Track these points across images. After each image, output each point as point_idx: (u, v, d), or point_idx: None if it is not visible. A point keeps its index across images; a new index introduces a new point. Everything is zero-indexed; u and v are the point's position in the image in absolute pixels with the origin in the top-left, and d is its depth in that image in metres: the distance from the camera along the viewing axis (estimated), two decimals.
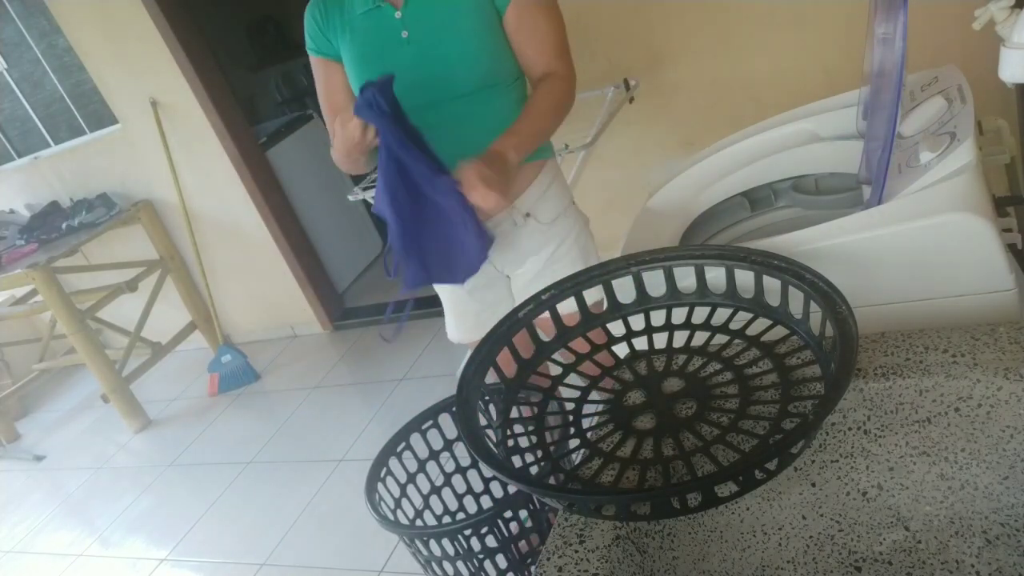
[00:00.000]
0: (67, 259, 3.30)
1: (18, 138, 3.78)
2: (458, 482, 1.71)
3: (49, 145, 3.69)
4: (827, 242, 0.94)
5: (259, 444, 2.94)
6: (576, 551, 0.73)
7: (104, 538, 2.78)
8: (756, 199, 1.34)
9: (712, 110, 2.40)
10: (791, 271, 0.84)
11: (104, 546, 2.74)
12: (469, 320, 1.54)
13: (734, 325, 0.91)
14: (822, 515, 0.82)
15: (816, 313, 0.80)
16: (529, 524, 1.41)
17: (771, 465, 0.70)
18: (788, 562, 0.82)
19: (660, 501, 0.71)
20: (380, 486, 1.50)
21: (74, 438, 3.67)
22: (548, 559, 0.74)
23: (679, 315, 0.96)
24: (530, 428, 0.90)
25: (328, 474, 2.56)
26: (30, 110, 3.64)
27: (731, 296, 0.92)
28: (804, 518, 0.82)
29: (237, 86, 4.21)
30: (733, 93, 2.35)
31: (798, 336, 0.84)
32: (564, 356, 0.99)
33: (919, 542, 0.79)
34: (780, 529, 0.82)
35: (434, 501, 1.70)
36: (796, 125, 1.34)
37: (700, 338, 0.92)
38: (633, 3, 2.32)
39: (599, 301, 1.00)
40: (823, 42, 2.18)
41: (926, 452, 0.77)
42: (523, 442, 0.88)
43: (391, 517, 1.52)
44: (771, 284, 0.86)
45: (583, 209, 1.53)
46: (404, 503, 1.61)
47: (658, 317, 0.97)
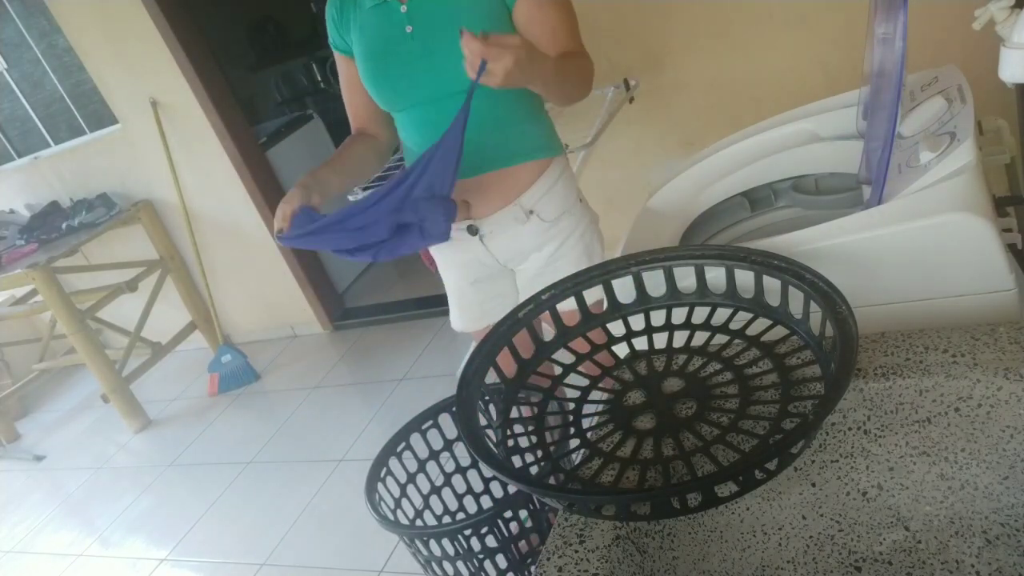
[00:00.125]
0: (67, 259, 3.30)
1: (18, 138, 3.78)
2: (458, 482, 1.71)
3: (49, 145, 3.69)
4: (827, 242, 0.94)
5: (259, 444, 2.94)
6: (576, 551, 0.73)
7: (104, 538, 2.78)
8: (756, 199, 1.34)
9: (712, 110, 2.40)
10: (791, 271, 0.84)
11: (104, 546, 2.74)
12: (474, 310, 1.55)
13: (734, 325, 0.91)
14: (822, 515, 0.82)
15: (816, 313, 0.80)
16: (529, 524, 1.41)
17: (771, 465, 0.70)
18: (788, 562, 0.82)
19: (660, 501, 0.71)
20: (380, 486, 1.50)
21: (74, 438, 3.67)
22: (548, 559, 0.74)
23: (679, 315, 0.96)
24: (530, 428, 0.90)
25: (328, 474, 2.56)
26: (30, 110, 3.64)
27: (731, 296, 0.92)
28: (804, 518, 0.82)
29: (237, 86, 4.21)
30: (733, 93, 2.35)
31: (798, 336, 0.84)
32: (564, 356, 0.99)
33: (919, 542, 0.79)
34: (780, 529, 0.82)
35: (434, 501, 1.70)
36: (796, 125, 1.34)
37: (700, 338, 0.92)
38: (633, 3, 2.32)
39: (599, 301, 1.00)
40: (823, 42, 2.18)
41: (926, 452, 0.77)
42: (523, 442, 0.88)
43: (391, 517, 1.52)
44: (771, 284, 0.86)
45: None
46: (404, 503, 1.61)
47: (658, 317, 0.97)
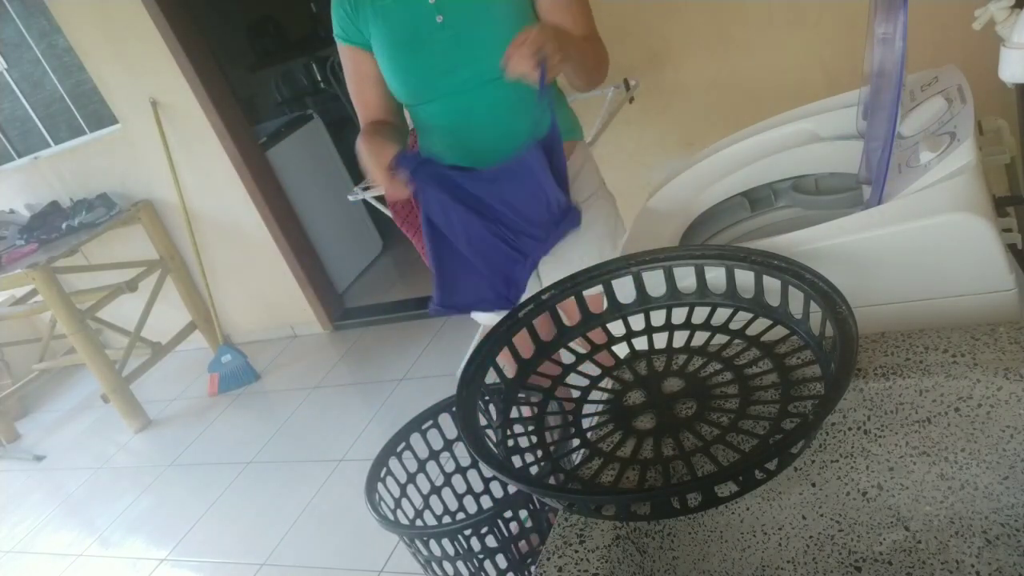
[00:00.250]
0: (67, 259, 3.30)
1: (18, 138, 3.78)
2: (458, 482, 1.71)
3: (49, 145, 3.69)
4: (827, 242, 0.94)
5: (259, 444, 2.94)
6: (576, 551, 0.73)
7: (104, 538, 2.78)
8: (756, 199, 1.33)
9: (712, 110, 2.40)
10: (791, 271, 0.84)
11: (104, 546, 2.74)
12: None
13: (734, 325, 0.91)
14: (822, 515, 0.82)
15: (816, 313, 0.80)
16: (529, 524, 1.42)
17: (771, 465, 0.70)
18: (788, 562, 0.82)
19: (660, 501, 0.71)
20: (380, 486, 1.50)
21: (74, 438, 3.67)
22: (548, 559, 0.74)
23: (679, 315, 0.96)
24: (530, 428, 0.90)
25: (328, 474, 2.56)
26: (30, 110, 3.64)
27: (731, 296, 0.92)
28: (804, 518, 0.82)
29: (237, 86, 4.21)
30: (733, 93, 2.35)
31: (798, 336, 0.84)
32: (565, 356, 0.99)
33: (919, 542, 0.79)
34: (780, 529, 0.82)
35: (434, 501, 1.70)
36: (796, 125, 1.33)
37: (700, 338, 0.92)
38: (633, 3, 2.32)
39: (598, 295, 1.00)
40: (823, 42, 2.18)
41: (926, 452, 0.77)
42: (523, 442, 0.88)
43: (391, 517, 1.52)
44: (771, 284, 0.86)
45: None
46: (404, 503, 1.61)
47: (658, 317, 0.97)
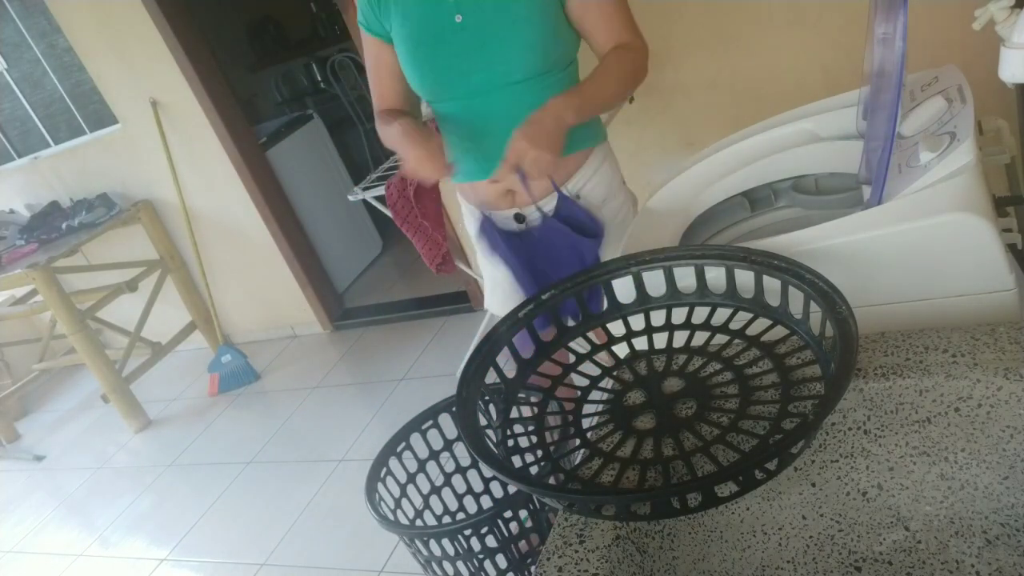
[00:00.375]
0: (67, 259, 3.30)
1: (18, 138, 3.78)
2: (458, 482, 1.71)
3: (49, 145, 3.69)
4: (827, 242, 0.94)
5: (259, 444, 2.94)
6: (576, 551, 0.73)
7: (104, 538, 2.78)
8: (756, 199, 1.33)
9: (712, 110, 2.40)
10: (791, 271, 0.84)
11: (104, 546, 2.74)
12: (519, 294, 1.52)
13: (734, 325, 0.91)
14: (822, 515, 0.82)
15: (816, 313, 0.80)
16: (529, 524, 1.41)
17: (771, 465, 0.70)
18: (788, 562, 0.82)
19: (660, 501, 0.71)
20: (380, 486, 1.50)
21: (74, 438, 3.67)
22: (548, 559, 0.74)
23: (679, 315, 0.96)
24: (530, 428, 0.90)
25: (328, 474, 2.56)
26: (30, 110, 3.64)
27: (731, 296, 0.92)
28: (804, 518, 0.82)
29: (237, 86, 4.21)
30: (733, 93, 2.35)
31: (798, 336, 0.84)
32: (563, 356, 0.99)
33: (919, 542, 0.79)
34: (780, 529, 0.82)
35: (434, 501, 1.70)
36: (796, 125, 1.33)
37: (700, 338, 0.92)
38: (633, 3, 2.31)
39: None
40: (823, 42, 2.18)
41: (926, 452, 0.77)
42: (523, 442, 0.88)
43: (391, 517, 1.52)
44: (771, 284, 0.86)
45: None
46: (404, 503, 1.61)
47: (658, 317, 0.97)
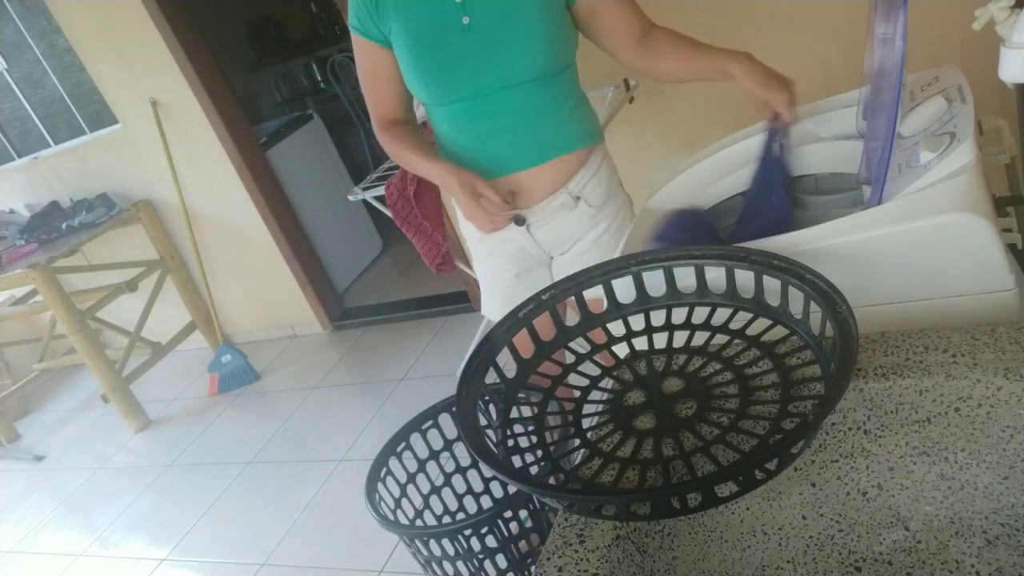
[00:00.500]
0: (67, 259, 3.30)
1: (18, 138, 3.78)
2: (458, 482, 1.71)
3: (49, 145, 3.69)
4: (827, 242, 0.94)
5: (259, 444, 2.94)
6: (576, 551, 0.73)
7: (104, 538, 2.78)
8: None
9: (712, 110, 2.40)
10: (791, 271, 0.84)
11: (104, 546, 2.74)
12: (516, 299, 1.54)
13: (734, 325, 0.91)
14: (822, 515, 0.82)
15: (816, 313, 0.80)
16: (529, 524, 1.41)
17: (771, 465, 0.70)
18: (788, 562, 0.82)
19: (660, 501, 0.71)
20: (380, 486, 1.50)
21: (74, 438, 3.67)
22: (548, 559, 0.74)
23: (679, 315, 0.96)
24: (530, 428, 0.90)
25: (328, 474, 2.56)
26: (30, 110, 3.64)
27: (731, 296, 0.92)
28: (804, 518, 0.82)
29: (237, 86, 4.21)
30: (733, 93, 2.34)
31: (798, 336, 0.84)
32: (563, 356, 0.99)
33: (919, 542, 0.79)
34: (780, 529, 0.82)
35: (434, 501, 1.70)
36: (796, 125, 1.33)
37: (700, 338, 0.92)
38: None
39: (598, 299, 1.00)
40: (823, 42, 2.18)
41: (926, 452, 0.77)
42: (523, 442, 0.88)
43: (391, 517, 1.52)
44: (771, 284, 0.86)
45: None
46: (404, 503, 1.61)
47: (658, 317, 0.97)
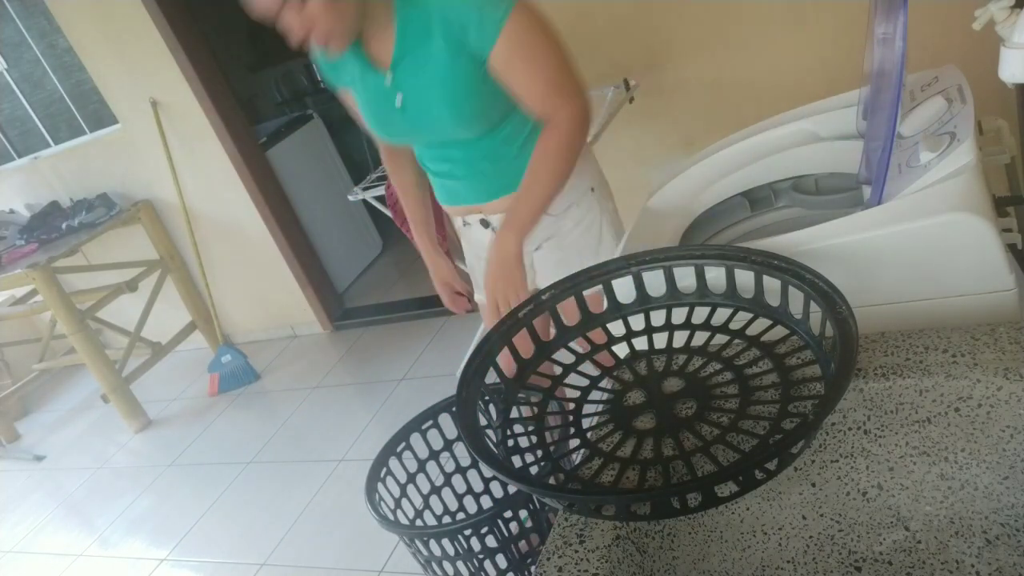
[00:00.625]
0: (67, 259, 3.30)
1: (18, 138, 3.78)
2: (458, 482, 1.71)
3: (49, 145, 3.69)
4: (827, 242, 0.94)
5: (259, 444, 2.94)
6: (576, 551, 0.73)
7: (104, 538, 2.78)
8: (756, 199, 1.33)
9: (712, 110, 2.40)
10: (791, 271, 0.84)
11: (104, 546, 2.74)
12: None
13: (734, 325, 0.91)
14: (822, 515, 0.82)
15: (816, 313, 0.80)
16: (529, 524, 1.42)
17: (771, 465, 0.70)
18: (788, 562, 0.82)
19: (660, 501, 0.71)
20: (380, 486, 1.50)
21: (74, 438, 3.67)
22: (548, 559, 0.74)
23: (679, 315, 0.96)
24: (530, 428, 0.90)
25: (328, 474, 2.56)
26: (30, 110, 3.64)
27: (731, 296, 0.92)
28: (804, 518, 0.82)
29: (237, 86, 4.21)
30: (733, 93, 2.35)
31: (798, 336, 0.84)
32: (564, 356, 0.99)
33: (919, 542, 0.79)
34: (780, 529, 0.82)
35: (434, 501, 1.70)
36: (796, 125, 1.33)
37: (700, 338, 0.92)
38: (633, 3, 2.32)
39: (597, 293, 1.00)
40: (823, 42, 2.18)
41: (926, 452, 0.77)
42: (523, 442, 0.88)
43: (391, 517, 1.52)
44: (771, 284, 0.86)
45: None
46: (404, 503, 1.61)
47: (658, 317, 0.97)
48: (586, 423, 0.89)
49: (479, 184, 1.39)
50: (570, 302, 0.99)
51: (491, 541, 1.36)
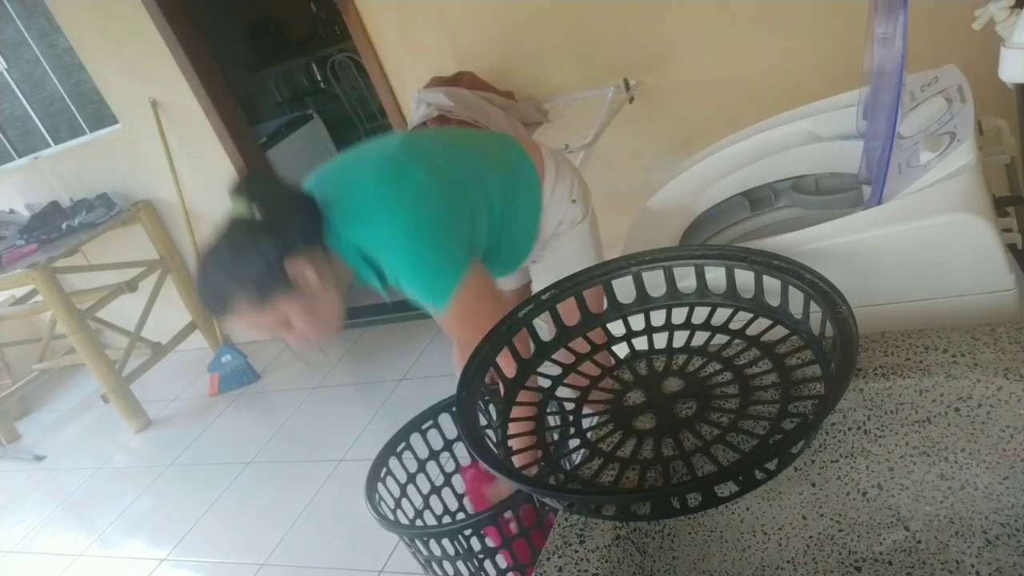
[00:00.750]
0: (67, 259, 3.30)
1: (18, 138, 3.78)
2: (458, 482, 1.71)
3: (49, 145, 3.69)
4: (827, 242, 0.94)
5: (259, 444, 2.94)
6: (576, 551, 0.73)
7: (104, 538, 2.78)
8: (756, 199, 1.34)
9: (712, 110, 2.40)
10: (791, 271, 0.84)
11: (104, 546, 2.74)
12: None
13: (734, 325, 0.91)
14: (822, 515, 0.82)
15: (816, 313, 0.80)
16: (529, 524, 1.41)
17: (771, 465, 0.70)
18: (788, 562, 0.82)
19: (660, 501, 0.71)
20: (380, 486, 1.50)
21: (74, 438, 3.67)
22: (548, 559, 0.74)
23: (679, 315, 0.96)
24: (530, 428, 0.90)
25: (328, 474, 2.56)
26: (30, 110, 3.64)
27: (731, 296, 0.92)
28: (804, 518, 0.82)
29: (237, 86, 4.21)
30: (733, 93, 2.35)
31: (798, 336, 0.84)
32: (564, 356, 0.99)
33: (919, 542, 0.79)
34: (780, 529, 0.82)
35: (434, 501, 1.70)
36: (796, 125, 1.34)
37: (700, 338, 0.92)
38: (633, 3, 2.32)
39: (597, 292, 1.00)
40: (823, 42, 2.18)
41: (926, 452, 0.77)
42: (523, 442, 0.88)
43: (391, 517, 1.52)
44: (771, 284, 0.86)
45: None
46: (404, 503, 1.61)
47: (658, 317, 0.97)
48: (586, 423, 0.89)
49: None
50: (569, 302, 0.99)
51: (491, 541, 1.36)
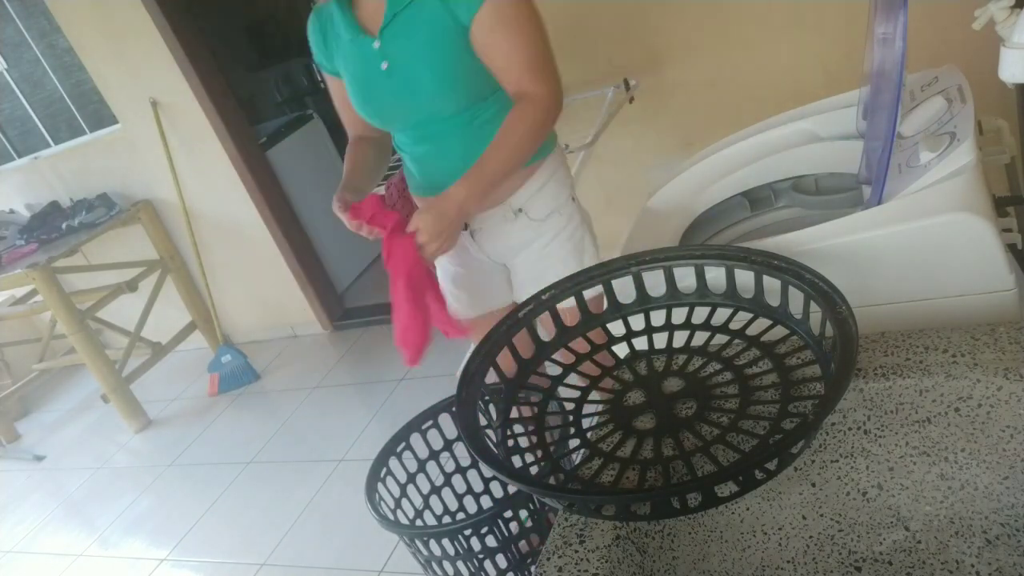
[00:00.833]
0: (67, 259, 3.30)
1: (18, 138, 3.78)
2: (458, 482, 1.71)
3: (49, 145, 3.69)
4: (827, 242, 0.94)
5: (259, 444, 2.94)
6: (576, 551, 0.73)
7: (104, 538, 2.78)
8: (756, 199, 1.34)
9: (712, 110, 2.40)
10: (791, 271, 0.84)
11: (104, 546, 2.74)
12: (463, 300, 1.56)
13: (734, 325, 0.91)
14: (822, 515, 0.82)
15: (816, 313, 0.80)
16: (529, 524, 1.41)
17: (771, 465, 0.70)
18: (788, 562, 0.82)
19: (660, 501, 0.71)
20: (380, 486, 1.50)
21: (74, 438, 3.67)
22: (548, 559, 0.74)
23: (679, 315, 0.96)
24: (530, 428, 0.90)
25: (328, 474, 2.56)
26: (30, 110, 3.64)
27: (731, 296, 0.92)
28: (804, 518, 0.82)
29: (237, 86, 4.20)
30: (733, 93, 2.35)
31: (798, 336, 0.84)
32: (564, 356, 0.99)
33: (919, 542, 0.79)
34: (780, 529, 0.82)
35: (434, 501, 1.70)
36: (796, 125, 1.34)
37: (700, 338, 0.92)
38: (633, 3, 2.32)
39: (598, 296, 1.00)
40: (823, 42, 2.18)
41: (926, 452, 0.77)
42: (523, 442, 0.88)
43: (391, 517, 1.53)
44: (771, 284, 0.86)
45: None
46: (404, 503, 1.61)
47: (658, 317, 0.97)
48: (586, 423, 0.89)
49: (458, 167, 1.32)
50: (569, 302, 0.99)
51: (491, 541, 1.36)
